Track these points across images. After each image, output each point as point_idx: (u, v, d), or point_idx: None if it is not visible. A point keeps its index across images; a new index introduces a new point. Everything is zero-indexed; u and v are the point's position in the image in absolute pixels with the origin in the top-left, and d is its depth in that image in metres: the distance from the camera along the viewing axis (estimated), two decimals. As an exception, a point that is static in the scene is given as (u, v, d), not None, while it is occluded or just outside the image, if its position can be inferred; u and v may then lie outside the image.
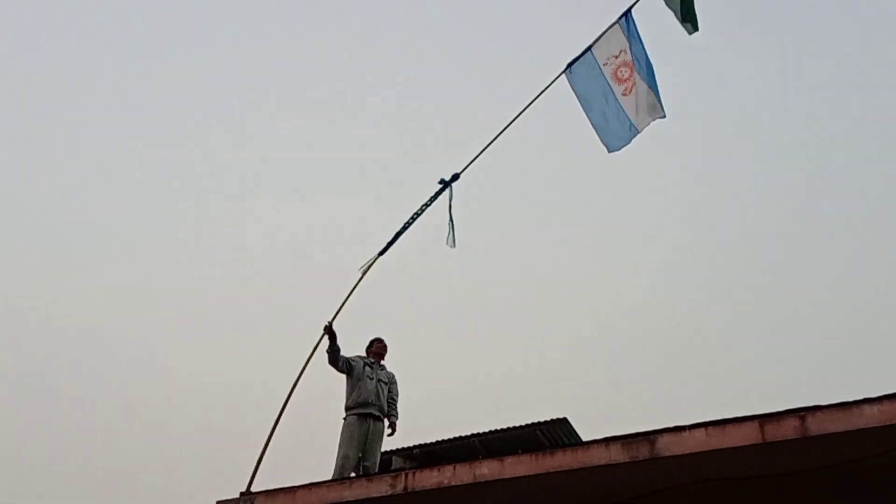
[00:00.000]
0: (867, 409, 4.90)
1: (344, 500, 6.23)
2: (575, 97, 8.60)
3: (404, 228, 8.24)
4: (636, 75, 8.33)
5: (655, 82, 8.27)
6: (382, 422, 8.11)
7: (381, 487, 6.14)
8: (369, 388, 8.03)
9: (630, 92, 8.33)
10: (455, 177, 8.38)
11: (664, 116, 8.24)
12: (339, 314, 7.88)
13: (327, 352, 7.92)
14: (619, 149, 8.44)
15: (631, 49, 8.39)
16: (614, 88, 8.42)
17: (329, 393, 8.35)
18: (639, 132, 8.29)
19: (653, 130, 8.29)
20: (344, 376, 8.14)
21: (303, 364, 7.53)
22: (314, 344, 7.76)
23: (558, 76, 8.60)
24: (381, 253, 8.15)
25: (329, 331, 7.84)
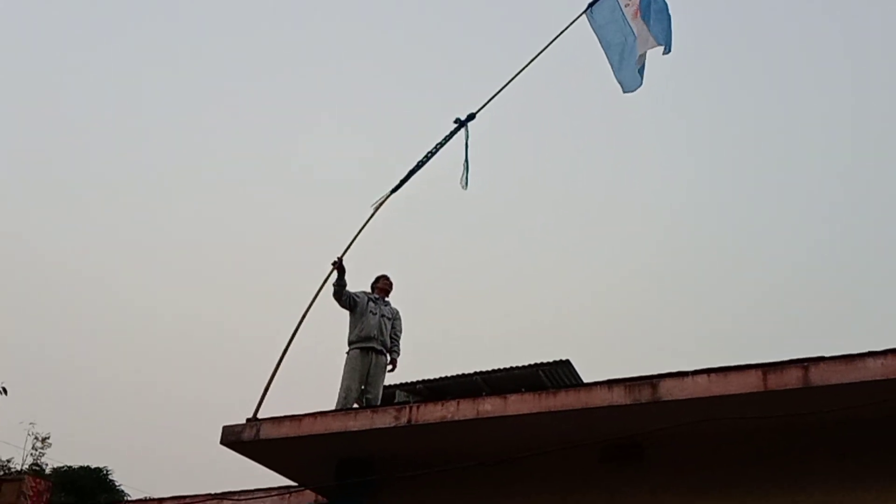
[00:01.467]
0: (871, 361, 4.93)
1: (348, 430, 6.34)
2: (595, 38, 8.50)
3: (418, 166, 8.15)
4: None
5: (668, 15, 8.20)
6: (385, 356, 8.18)
7: (385, 419, 6.24)
8: (372, 322, 8.08)
9: (637, 15, 8.30)
10: (471, 116, 8.27)
11: (667, 50, 8.18)
12: (350, 250, 7.88)
13: (334, 285, 7.96)
14: (634, 89, 8.37)
15: None
16: (633, 27, 8.30)
17: (334, 328, 8.41)
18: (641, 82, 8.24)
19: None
20: (348, 312, 8.19)
21: (311, 298, 7.56)
22: (323, 279, 7.78)
23: (578, 16, 8.47)
24: (394, 190, 8.08)
25: (338, 266, 7.87)
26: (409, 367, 8.73)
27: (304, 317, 7.43)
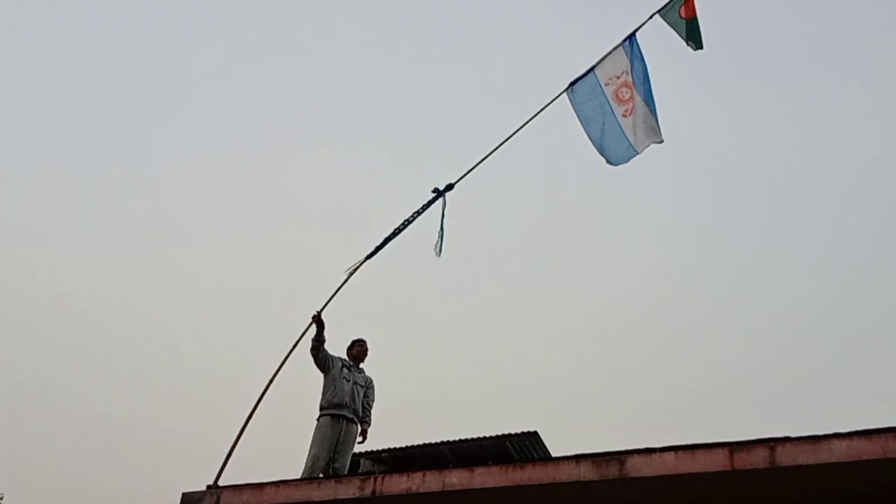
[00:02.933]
0: (836, 443, 4.95)
1: (311, 500, 6.22)
2: (575, 116, 8.69)
3: (394, 234, 8.22)
4: (636, 97, 8.40)
5: (654, 106, 8.35)
6: (356, 425, 8.06)
7: (349, 489, 6.14)
8: (345, 388, 7.99)
9: (630, 113, 8.41)
10: (449, 187, 8.38)
11: (662, 141, 8.33)
12: (325, 311, 7.86)
13: (312, 340, 7.90)
14: (618, 164, 8.53)
15: (632, 70, 8.46)
16: (614, 109, 8.49)
17: (304, 393, 8.32)
18: (638, 153, 8.37)
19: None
20: (322, 376, 8.11)
21: (282, 358, 7.47)
22: (297, 337, 7.71)
23: (560, 94, 8.66)
24: (369, 256, 8.14)
25: (317, 319, 7.83)
26: (375, 433, 8.62)
27: (271, 380, 7.36)
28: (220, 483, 6.65)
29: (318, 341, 7.92)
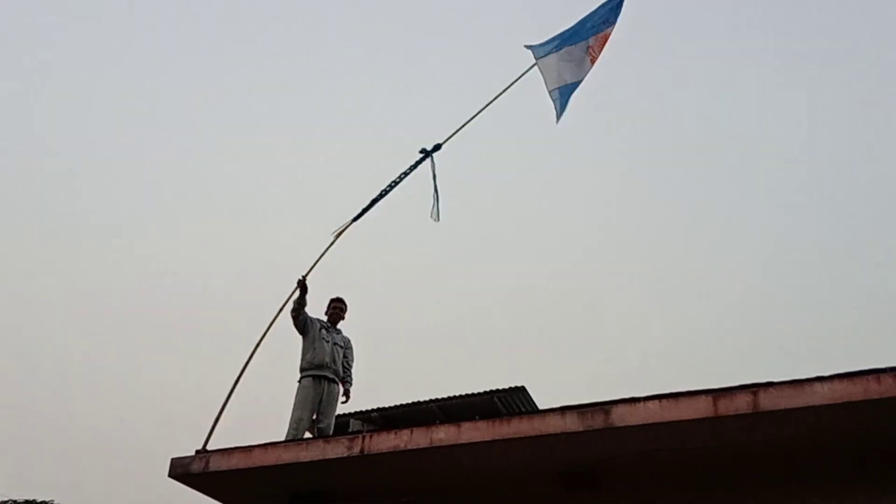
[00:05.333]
0: (818, 387, 4.99)
1: (300, 461, 6.23)
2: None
3: (381, 196, 8.17)
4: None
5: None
6: (337, 384, 8.09)
7: (337, 449, 6.15)
8: (325, 349, 8.01)
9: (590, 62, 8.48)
10: (436, 147, 8.32)
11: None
12: (310, 278, 7.83)
13: (294, 303, 7.89)
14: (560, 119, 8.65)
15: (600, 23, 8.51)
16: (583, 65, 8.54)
17: (287, 356, 8.32)
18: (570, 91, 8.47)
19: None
20: (301, 339, 8.12)
21: (267, 324, 7.46)
22: (283, 301, 7.71)
23: (549, 53, 8.71)
24: (356, 218, 8.08)
25: (302, 284, 7.81)
26: (364, 394, 8.65)
27: (257, 345, 7.33)
28: (209, 447, 6.65)
29: (300, 304, 7.93)
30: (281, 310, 7.65)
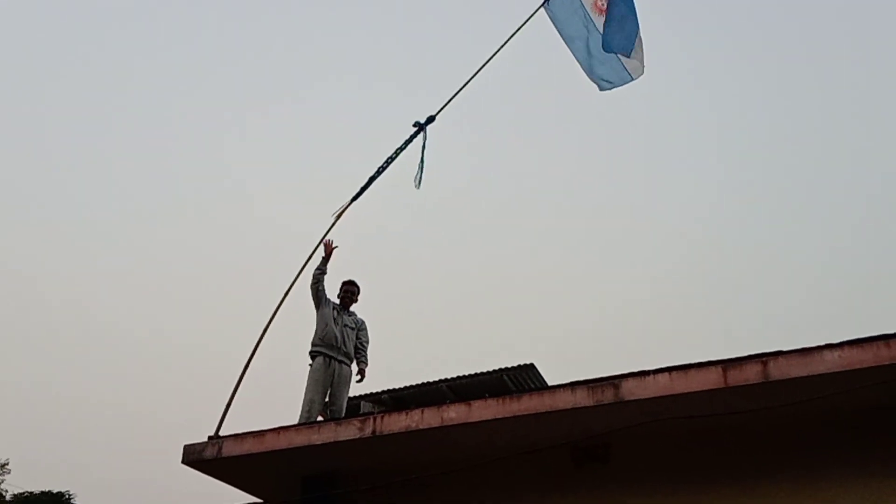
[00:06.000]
0: (828, 354, 4.98)
1: (312, 444, 6.26)
2: (557, 33, 8.36)
3: (378, 173, 8.06)
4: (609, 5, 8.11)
5: (636, 15, 8.06)
6: (348, 366, 8.09)
7: (349, 431, 6.17)
8: (335, 330, 8.00)
9: (605, 24, 8.12)
10: (430, 119, 8.22)
11: (628, 55, 8.04)
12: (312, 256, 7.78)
13: (316, 270, 7.86)
14: (611, 88, 8.23)
15: None
16: (595, 21, 8.18)
17: (298, 337, 8.31)
18: (633, 79, 8.09)
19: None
20: (314, 314, 8.08)
21: (279, 300, 7.35)
22: (298, 270, 7.55)
23: (536, 10, 8.34)
24: (355, 198, 7.98)
25: (329, 250, 7.80)
26: (375, 377, 8.65)
27: (266, 327, 7.29)
28: (222, 433, 6.67)
29: (321, 271, 7.90)
30: (293, 283, 7.45)
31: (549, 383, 9.73)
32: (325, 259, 7.85)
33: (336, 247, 7.92)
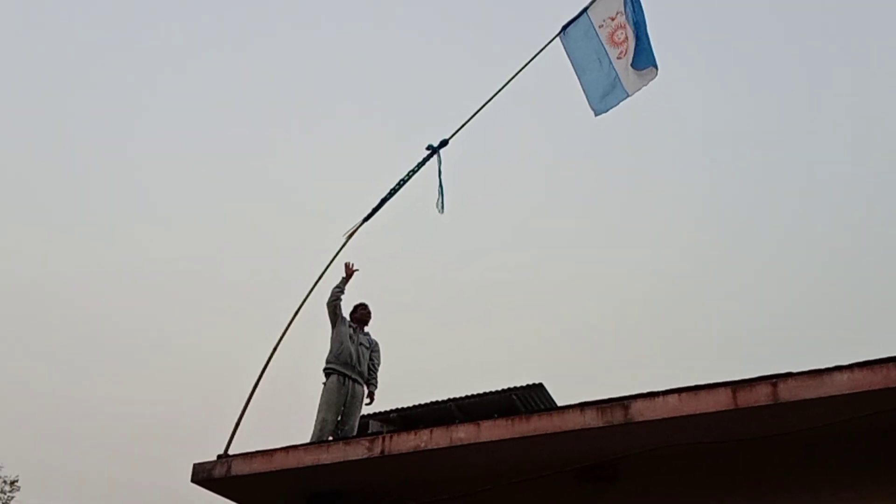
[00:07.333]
0: (837, 376, 4.97)
1: (321, 463, 6.26)
2: (568, 61, 8.49)
3: (390, 194, 8.12)
4: (630, 37, 8.18)
5: (649, 42, 8.13)
6: (361, 386, 8.10)
7: (358, 451, 6.18)
8: (351, 349, 8.02)
9: (624, 55, 8.20)
10: (443, 143, 8.28)
11: (655, 76, 8.11)
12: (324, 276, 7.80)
13: (335, 289, 7.99)
14: (606, 111, 8.34)
15: (626, 10, 8.22)
16: (609, 52, 8.27)
17: (309, 358, 8.33)
18: (629, 95, 8.19)
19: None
20: (329, 335, 8.11)
21: (290, 318, 7.36)
22: (304, 296, 7.54)
23: (552, 39, 8.48)
24: (367, 218, 8.04)
25: (350, 272, 7.91)
26: (384, 395, 8.65)
27: (277, 345, 7.30)
28: (231, 451, 6.68)
29: (340, 290, 8.02)
30: (305, 300, 7.46)
31: (558, 403, 9.73)
32: (346, 279, 7.97)
33: (357, 269, 8.05)
